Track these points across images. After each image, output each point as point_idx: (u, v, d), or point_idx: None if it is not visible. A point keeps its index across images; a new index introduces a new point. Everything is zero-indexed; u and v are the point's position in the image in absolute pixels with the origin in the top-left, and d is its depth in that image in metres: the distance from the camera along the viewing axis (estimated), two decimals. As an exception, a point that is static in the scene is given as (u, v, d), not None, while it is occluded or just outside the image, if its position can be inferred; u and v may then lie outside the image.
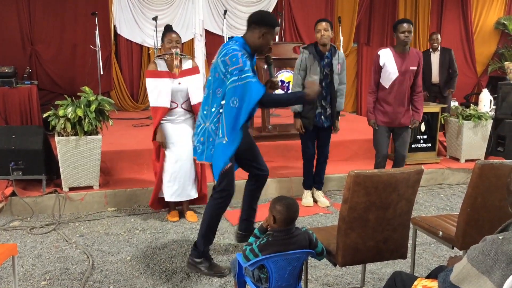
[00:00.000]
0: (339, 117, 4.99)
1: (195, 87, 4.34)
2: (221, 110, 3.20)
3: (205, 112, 3.30)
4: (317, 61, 4.61)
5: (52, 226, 4.38)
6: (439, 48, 7.29)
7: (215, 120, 3.22)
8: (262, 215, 4.36)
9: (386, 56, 4.65)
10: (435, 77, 7.30)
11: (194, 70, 4.41)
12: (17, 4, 7.68)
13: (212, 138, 3.24)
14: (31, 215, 4.61)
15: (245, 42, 3.26)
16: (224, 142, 3.17)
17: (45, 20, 7.92)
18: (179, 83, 4.28)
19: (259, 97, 3.10)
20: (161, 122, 4.29)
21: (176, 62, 4.28)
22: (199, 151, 3.33)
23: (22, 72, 7.17)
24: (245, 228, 3.85)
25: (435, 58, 7.28)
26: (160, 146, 4.35)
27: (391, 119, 4.72)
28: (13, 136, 4.72)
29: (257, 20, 3.23)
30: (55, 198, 4.70)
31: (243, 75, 3.09)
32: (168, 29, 4.44)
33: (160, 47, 7.64)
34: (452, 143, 6.44)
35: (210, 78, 3.29)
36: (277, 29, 3.32)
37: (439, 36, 7.32)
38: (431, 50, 7.34)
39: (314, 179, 5.09)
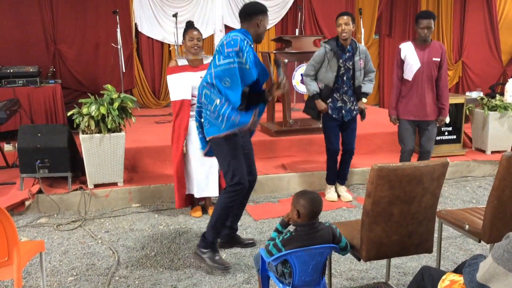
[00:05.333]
0: (365, 99, 4.87)
1: None
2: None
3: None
4: (336, 58, 4.57)
5: (78, 223, 4.45)
6: None
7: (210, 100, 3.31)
8: (285, 209, 4.36)
9: (407, 49, 4.59)
10: None
11: None
12: (39, 4, 7.79)
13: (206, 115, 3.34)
14: (58, 212, 4.70)
15: (245, 31, 3.34)
16: (227, 106, 3.19)
17: (68, 19, 8.03)
18: (201, 77, 4.27)
19: (247, 83, 3.23)
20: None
21: None
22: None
23: (46, 71, 7.30)
24: (227, 235, 3.80)
25: None
26: (179, 146, 4.33)
27: (415, 113, 4.62)
28: (39, 135, 4.80)
29: (251, 11, 3.37)
30: (80, 195, 4.78)
31: (238, 59, 3.18)
32: (190, 26, 4.43)
33: (181, 44, 7.73)
34: (477, 135, 6.32)
35: (208, 72, 3.36)
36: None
37: None
38: None
39: (338, 174, 5.04)
